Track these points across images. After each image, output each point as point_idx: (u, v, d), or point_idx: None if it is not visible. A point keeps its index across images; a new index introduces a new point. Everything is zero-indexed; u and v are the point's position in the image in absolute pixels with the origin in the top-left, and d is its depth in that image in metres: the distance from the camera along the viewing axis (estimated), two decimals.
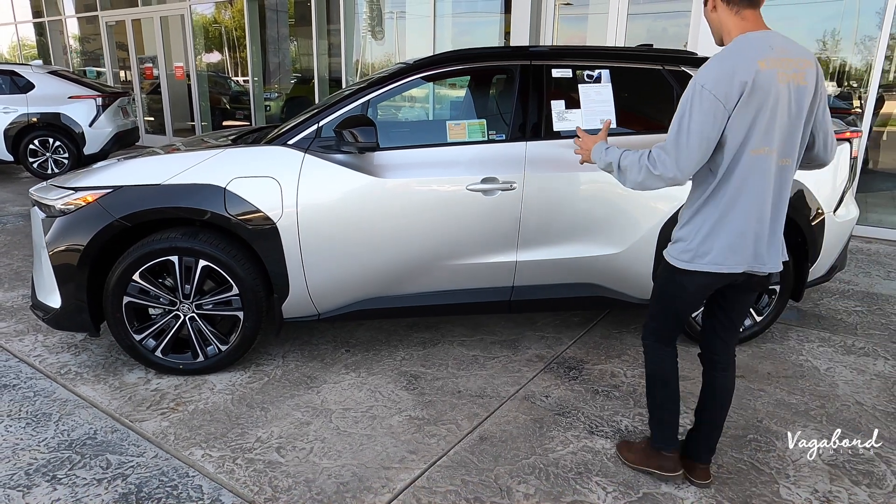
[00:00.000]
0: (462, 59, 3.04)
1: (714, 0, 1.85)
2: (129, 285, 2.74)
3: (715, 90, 1.73)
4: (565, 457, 2.33)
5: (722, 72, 1.73)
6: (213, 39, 11.14)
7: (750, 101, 1.73)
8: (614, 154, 1.97)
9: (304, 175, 2.75)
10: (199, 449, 2.35)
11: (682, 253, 1.92)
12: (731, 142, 1.78)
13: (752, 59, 1.73)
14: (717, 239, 1.85)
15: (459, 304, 3.02)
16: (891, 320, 3.69)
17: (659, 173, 1.82)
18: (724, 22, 1.85)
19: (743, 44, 1.77)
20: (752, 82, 1.72)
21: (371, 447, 2.38)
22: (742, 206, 1.82)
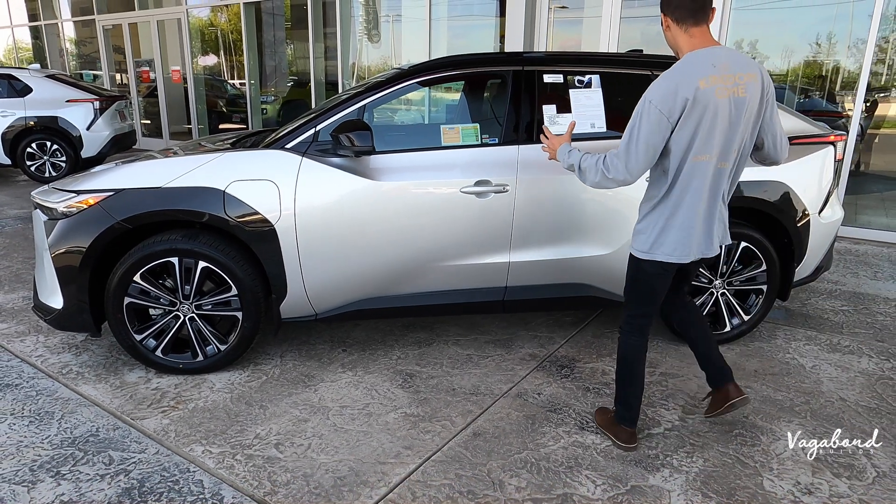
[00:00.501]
0: (456, 64, 3.11)
1: (667, 20, 2.09)
2: (131, 286, 2.80)
3: (660, 105, 1.97)
4: (556, 451, 2.40)
5: (667, 89, 1.97)
6: (209, 43, 11.20)
7: (691, 114, 1.97)
8: (575, 157, 2.24)
9: (302, 178, 2.81)
10: (199, 445, 2.41)
11: (642, 244, 2.20)
12: (675, 150, 2.04)
13: (694, 78, 1.95)
14: (669, 233, 2.14)
15: (454, 305, 3.09)
16: (876, 319, 3.77)
17: (612, 176, 2.11)
18: (676, 39, 2.10)
19: (687, 63, 2.00)
20: (692, 99, 1.95)
21: (367, 443, 2.44)
22: (686, 204, 2.10)
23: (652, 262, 2.19)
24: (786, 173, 3.17)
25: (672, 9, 2.06)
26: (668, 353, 3.27)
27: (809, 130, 3.28)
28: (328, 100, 3.39)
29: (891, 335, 3.54)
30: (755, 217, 3.28)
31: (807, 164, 3.23)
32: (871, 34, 5.37)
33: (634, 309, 2.34)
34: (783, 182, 3.17)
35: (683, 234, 2.13)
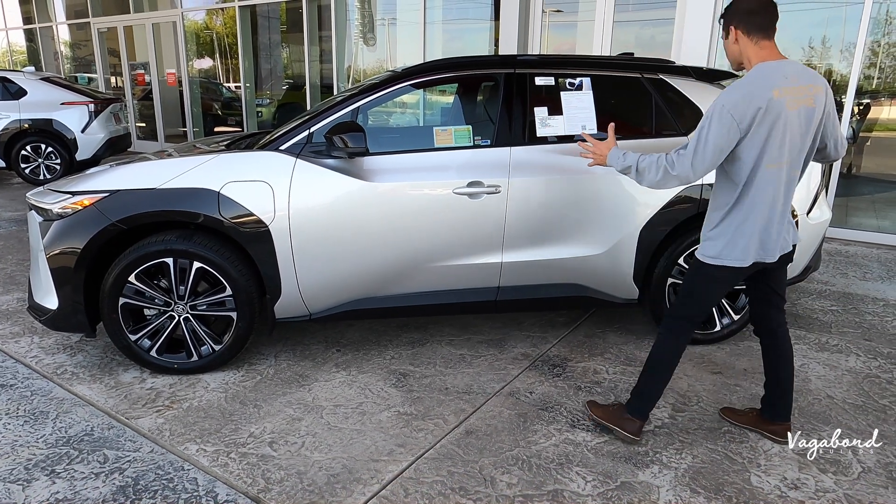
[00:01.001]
0: (449, 67, 3.15)
1: (736, 33, 2.15)
2: (125, 287, 2.82)
3: (733, 111, 2.03)
4: (547, 449, 2.43)
5: (741, 96, 2.04)
6: (205, 46, 11.22)
7: (763, 123, 2.04)
8: (632, 158, 2.25)
9: (296, 179, 2.84)
10: (193, 444, 2.43)
11: (713, 250, 2.24)
12: (747, 157, 2.10)
13: (768, 88, 2.03)
14: (740, 239, 2.18)
15: (447, 305, 3.12)
16: (864, 319, 3.82)
17: (676, 173, 2.13)
18: (745, 51, 2.16)
19: (761, 73, 2.07)
20: (765, 108, 2.02)
21: (361, 441, 2.46)
22: (759, 211, 2.15)
23: (720, 267, 2.22)
24: None
25: (742, 22, 2.13)
26: None
27: None
28: (322, 102, 3.42)
29: (878, 334, 3.58)
30: None
31: None
32: (859, 39, 5.44)
33: (686, 311, 2.36)
34: None
35: (754, 240, 2.18)
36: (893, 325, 3.72)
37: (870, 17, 5.37)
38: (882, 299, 4.17)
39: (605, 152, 2.37)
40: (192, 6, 10.79)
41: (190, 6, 10.78)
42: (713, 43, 6.05)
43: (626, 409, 2.48)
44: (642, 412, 2.45)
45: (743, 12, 2.13)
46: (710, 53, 6.05)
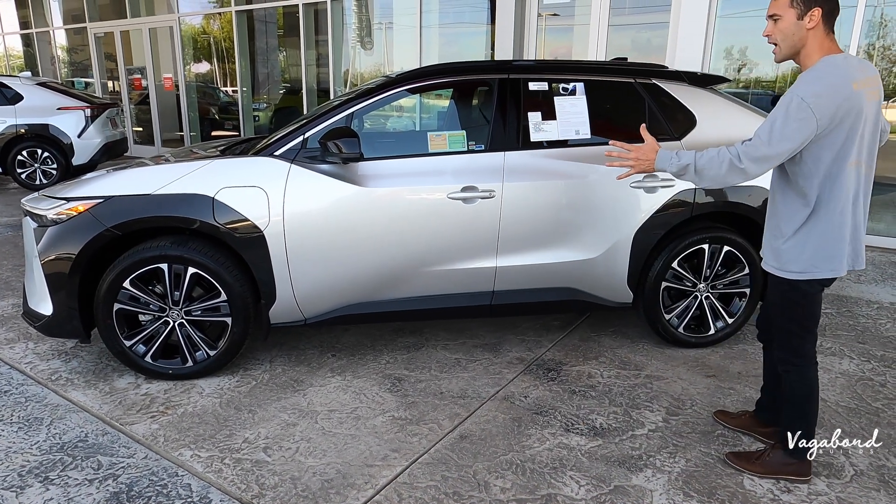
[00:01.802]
0: (443, 72, 3.16)
1: (818, 19, 1.91)
2: (120, 292, 2.82)
3: (813, 105, 1.85)
4: (541, 453, 2.43)
5: (823, 89, 1.86)
6: (202, 50, 11.23)
7: (846, 118, 1.88)
8: (689, 156, 2.06)
9: (291, 185, 2.85)
10: (188, 450, 2.43)
11: (797, 264, 2.03)
12: (828, 156, 1.92)
13: (849, 81, 1.87)
14: (828, 247, 1.99)
15: (442, 309, 3.13)
16: (858, 322, 3.83)
17: (744, 166, 1.94)
18: (813, 39, 1.94)
19: (837, 65, 1.90)
20: (847, 102, 1.86)
21: (355, 446, 2.47)
22: (845, 213, 1.97)
23: (811, 281, 2.03)
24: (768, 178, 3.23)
25: (829, 9, 1.91)
26: (654, 356, 3.31)
27: None
28: (318, 107, 3.43)
29: (872, 337, 3.60)
30: (738, 221, 3.34)
31: None
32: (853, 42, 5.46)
33: (801, 337, 2.13)
34: (766, 188, 3.21)
35: (842, 246, 1.99)
36: (887, 328, 3.74)
37: (863, 20, 5.40)
38: (876, 302, 4.19)
39: (652, 156, 2.13)
40: (189, 11, 10.80)
41: (186, 11, 10.79)
42: (707, 47, 6.07)
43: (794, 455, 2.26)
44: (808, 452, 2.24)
45: None
46: (704, 57, 6.07)
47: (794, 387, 2.20)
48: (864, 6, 5.37)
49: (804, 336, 2.15)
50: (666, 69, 3.35)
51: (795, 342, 2.16)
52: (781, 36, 1.98)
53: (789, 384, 2.21)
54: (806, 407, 2.21)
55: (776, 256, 2.11)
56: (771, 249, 2.14)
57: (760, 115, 3.36)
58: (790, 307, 2.13)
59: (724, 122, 3.27)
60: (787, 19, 1.95)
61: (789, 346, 2.17)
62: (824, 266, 2.01)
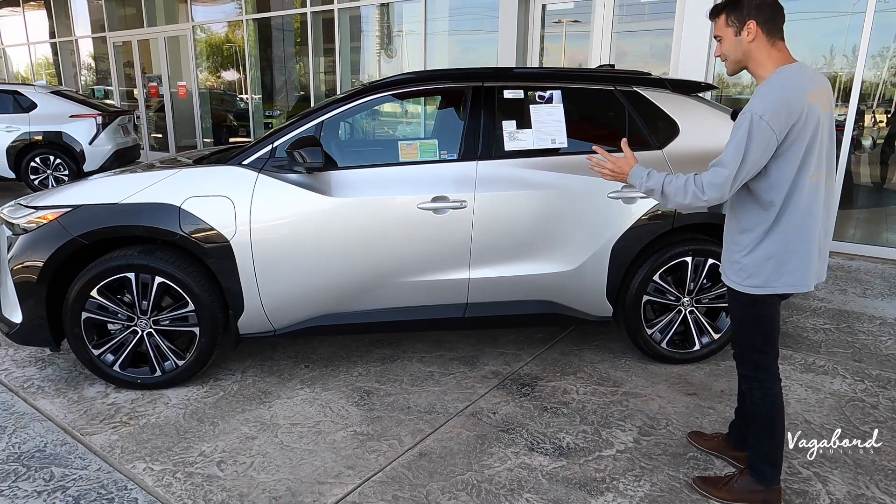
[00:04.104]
0: (415, 80, 3.11)
1: (756, 30, 1.89)
2: (88, 301, 2.82)
3: (772, 122, 1.81)
4: (500, 473, 2.35)
5: (779, 104, 1.81)
6: (216, 58, 11.37)
7: (804, 130, 1.84)
8: (658, 179, 2.02)
9: (258, 194, 2.82)
10: (142, 462, 2.40)
11: (757, 279, 1.99)
12: (788, 169, 1.88)
13: (804, 93, 1.84)
14: (789, 261, 1.95)
15: (414, 321, 3.07)
16: (857, 338, 3.67)
17: (708, 197, 1.90)
18: (758, 52, 1.92)
19: (790, 77, 1.87)
20: (805, 114, 1.83)
21: (310, 462, 2.41)
22: (806, 227, 1.93)
23: (772, 295, 1.99)
24: None
25: (764, 19, 1.89)
26: (636, 371, 3.21)
27: None
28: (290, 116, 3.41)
29: (869, 355, 3.43)
30: None
31: None
32: (861, 49, 5.28)
33: (762, 351, 2.08)
34: None
35: (805, 260, 1.95)
36: (887, 346, 3.57)
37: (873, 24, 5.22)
38: (879, 317, 4.01)
39: (627, 170, 2.10)
40: (203, 20, 10.97)
41: (201, 20, 10.96)
42: (711, 52, 5.93)
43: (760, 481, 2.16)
44: (776, 477, 2.15)
45: (763, 6, 1.89)
46: (708, 63, 5.93)
47: (758, 404, 2.12)
48: (874, 11, 5.18)
49: (766, 351, 2.09)
50: (648, 76, 3.26)
51: (757, 357, 2.09)
52: (727, 53, 1.99)
53: (752, 402, 2.13)
54: (771, 425, 2.12)
55: (736, 271, 2.04)
56: (730, 263, 2.07)
57: None
58: (752, 322, 2.06)
59: (708, 130, 3.15)
60: (728, 38, 1.96)
61: (751, 361, 2.11)
62: (786, 280, 1.96)
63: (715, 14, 2.00)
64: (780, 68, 1.89)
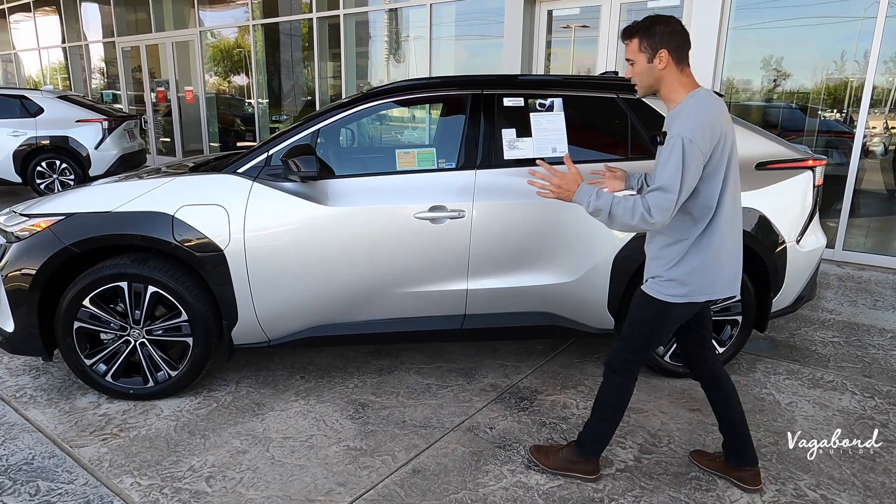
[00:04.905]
0: (414, 87, 3.06)
1: (667, 60, 1.99)
2: (80, 310, 2.78)
3: (701, 144, 1.90)
4: (496, 492, 2.28)
5: (704, 126, 1.91)
6: (224, 63, 11.40)
7: (725, 149, 1.97)
8: (606, 200, 1.99)
9: (252, 203, 2.77)
10: (129, 477, 2.35)
11: (677, 288, 2.07)
12: (713, 186, 1.98)
13: (720, 114, 1.97)
14: (713, 272, 2.05)
15: (410, 332, 3.01)
16: (867, 352, 3.57)
17: (655, 220, 1.93)
18: (669, 78, 2.02)
19: (707, 99, 1.98)
20: (724, 134, 1.96)
21: (301, 478, 2.36)
22: (728, 238, 2.06)
23: (687, 304, 2.08)
24: (760, 199, 3.04)
25: (675, 48, 1.99)
26: (638, 385, 3.11)
27: (786, 154, 3.15)
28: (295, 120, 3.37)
29: (880, 370, 3.34)
30: None
31: (783, 190, 3.09)
32: (872, 54, 5.19)
33: (640, 353, 2.19)
34: (757, 209, 3.03)
35: (727, 270, 2.08)
36: None
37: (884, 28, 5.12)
38: (890, 331, 3.91)
39: (573, 188, 2.07)
40: (211, 25, 11.00)
41: (209, 25, 10.99)
42: (719, 59, 5.86)
43: (582, 454, 2.33)
44: (597, 453, 2.33)
45: (674, 35, 1.99)
46: (715, 69, 5.86)
47: (610, 394, 2.24)
48: (885, 17, 5.09)
49: (646, 354, 2.20)
50: None
51: (633, 357, 2.19)
52: (638, 78, 2.08)
53: (605, 390, 2.24)
54: (613, 414, 2.25)
55: (659, 282, 2.11)
56: (654, 276, 2.13)
57: (751, 131, 3.18)
58: (652, 325, 2.15)
59: None
60: (640, 63, 2.04)
61: (624, 357, 2.20)
62: (705, 291, 2.07)
63: (627, 37, 2.07)
64: (693, 92, 2.00)
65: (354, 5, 8.93)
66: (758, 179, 3.07)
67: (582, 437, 2.33)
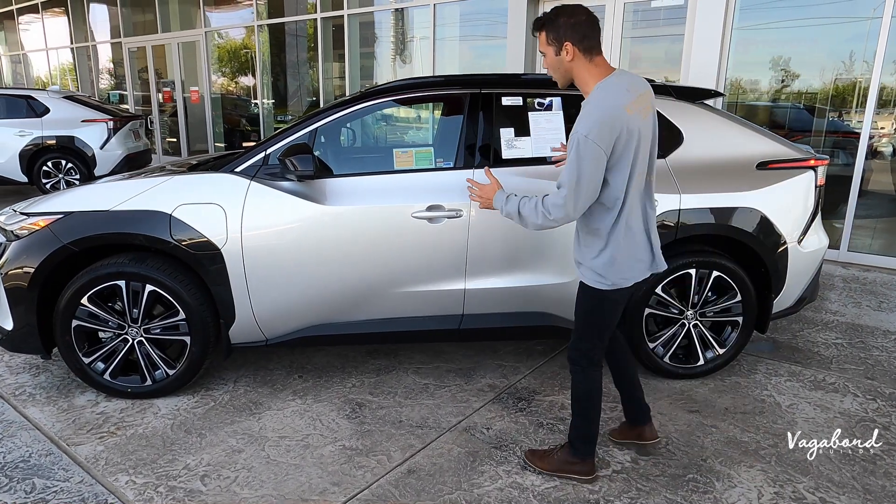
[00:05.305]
0: (412, 87, 3.05)
1: (573, 51, 2.02)
2: (78, 309, 2.79)
3: (598, 140, 1.93)
4: (490, 493, 2.27)
5: (601, 122, 1.93)
6: (229, 64, 11.44)
7: (629, 142, 1.99)
8: (514, 203, 2.14)
9: (249, 202, 2.78)
10: (125, 475, 2.35)
11: (600, 277, 2.13)
12: (619, 178, 2.02)
13: (621, 107, 1.96)
14: (629, 257, 2.12)
15: (408, 332, 3.00)
16: (870, 354, 3.54)
17: (554, 217, 2.03)
18: (579, 69, 2.05)
19: (609, 92, 1.99)
20: (625, 128, 1.96)
21: (295, 477, 2.35)
22: (637, 224, 2.13)
23: (618, 290, 2.15)
24: (761, 199, 3.01)
25: (579, 38, 2.01)
26: None
27: (787, 154, 3.12)
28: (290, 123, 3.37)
29: (883, 372, 3.30)
30: (729, 245, 3.12)
31: (784, 190, 3.06)
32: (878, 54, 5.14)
33: (594, 342, 2.24)
34: (758, 209, 3.00)
35: (642, 253, 2.16)
36: None
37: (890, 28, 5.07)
38: (894, 332, 3.86)
39: (490, 195, 2.25)
40: (216, 26, 11.04)
41: (214, 26, 11.03)
42: (723, 59, 5.82)
43: (575, 454, 2.33)
44: (590, 452, 2.34)
45: (578, 26, 2.00)
46: (719, 69, 5.82)
47: (578, 386, 2.28)
48: (891, 17, 5.04)
49: (598, 343, 2.24)
50: (652, 82, 3.16)
51: (587, 346, 2.24)
52: (551, 71, 2.13)
53: (574, 383, 2.29)
54: (587, 406, 2.29)
55: (584, 270, 2.18)
56: (581, 265, 2.20)
57: (753, 131, 3.15)
58: (597, 313, 2.21)
59: (712, 138, 3.07)
60: (550, 56, 2.08)
61: (582, 347, 2.25)
62: (630, 275, 2.14)
63: (536, 30, 2.11)
64: (599, 84, 2.01)
65: (358, 5, 8.94)
66: (759, 179, 3.04)
67: (570, 437, 2.36)
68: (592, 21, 2.03)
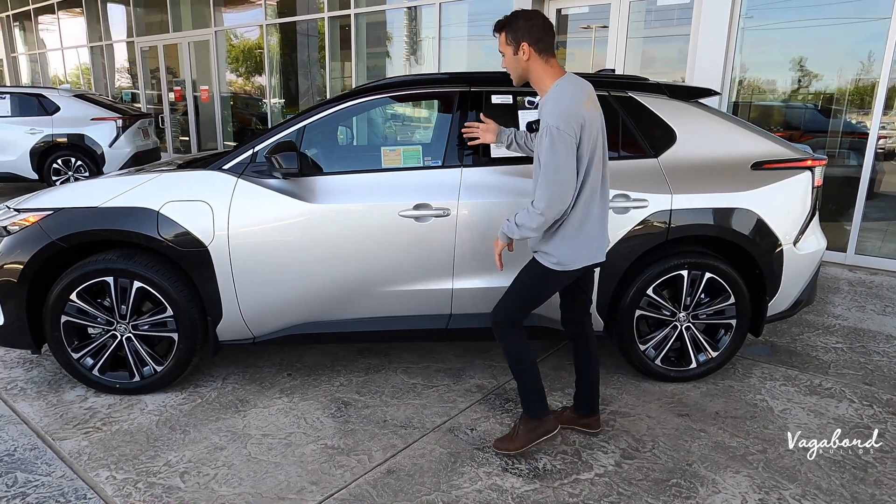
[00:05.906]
0: (402, 84, 3.04)
1: (529, 51, 2.18)
2: (67, 304, 2.81)
3: (567, 129, 2.09)
4: (469, 494, 2.25)
5: (567, 113, 2.09)
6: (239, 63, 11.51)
7: (587, 133, 2.14)
8: (509, 223, 2.27)
9: (236, 200, 2.78)
10: (106, 470, 2.36)
11: (551, 259, 2.27)
12: (580, 167, 2.17)
13: (580, 101, 2.15)
14: (583, 242, 2.26)
15: (396, 331, 2.99)
16: (870, 359, 3.46)
17: (543, 211, 2.14)
18: (534, 69, 2.21)
19: (568, 88, 2.17)
20: (585, 120, 2.13)
21: (274, 476, 2.35)
22: (594, 212, 2.26)
23: (567, 272, 2.28)
24: (756, 200, 2.96)
25: (535, 40, 2.17)
26: (627, 389, 3.07)
27: (783, 154, 3.06)
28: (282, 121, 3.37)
29: (882, 378, 3.23)
30: (723, 247, 3.07)
31: (780, 191, 3.01)
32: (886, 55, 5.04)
33: (523, 312, 2.37)
34: (753, 210, 2.95)
35: (595, 239, 2.29)
36: None
37: None
38: None
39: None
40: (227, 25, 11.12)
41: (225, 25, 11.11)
42: (728, 59, 5.73)
43: (534, 416, 2.45)
44: (544, 407, 2.45)
45: (534, 29, 2.16)
46: (725, 68, 5.74)
47: (509, 349, 2.39)
48: None
49: (527, 312, 2.37)
50: (645, 81, 3.13)
51: (514, 314, 2.36)
52: (509, 69, 2.30)
53: (505, 353, 2.41)
54: (522, 365, 2.39)
55: (542, 254, 2.30)
56: (538, 245, 2.31)
57: (748, 130, 3.09)
58: (538, 288, 2.34)
59: (707, 137, 3.02)
60: (508, 55, 2.26)
61: (507, 313, 2.36)
62: (583, 258, 2.27)
63: (496, 31, 2.27)
64: (557, 81, 2.18)
65: (366, 5, 8.94)
66: (753, 180, 2.99)
67: (522, 404, 2.48)
68: (548, 26, 2.19)
